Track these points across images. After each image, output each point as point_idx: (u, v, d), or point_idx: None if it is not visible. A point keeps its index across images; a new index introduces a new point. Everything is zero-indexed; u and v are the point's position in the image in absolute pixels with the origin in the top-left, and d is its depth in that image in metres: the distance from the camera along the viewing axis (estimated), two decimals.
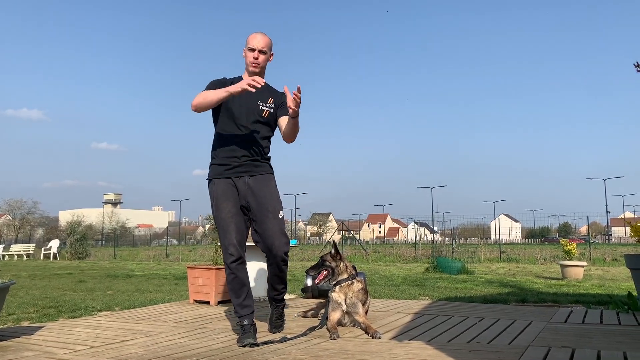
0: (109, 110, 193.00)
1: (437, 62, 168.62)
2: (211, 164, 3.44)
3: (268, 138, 3.46)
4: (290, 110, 3.12)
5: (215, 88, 3.30)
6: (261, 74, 3.43)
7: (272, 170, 3.48)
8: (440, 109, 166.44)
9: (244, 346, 3.04)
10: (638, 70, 3.85)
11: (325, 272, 3.64)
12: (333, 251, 3.70)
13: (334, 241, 4.03)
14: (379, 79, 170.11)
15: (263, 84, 3.12)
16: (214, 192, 3.37)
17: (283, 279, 3.56)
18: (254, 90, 3.11)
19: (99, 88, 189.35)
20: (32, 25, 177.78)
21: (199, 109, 3.25)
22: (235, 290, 3.30)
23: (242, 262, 3.30)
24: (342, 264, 3.68)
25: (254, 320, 3.29)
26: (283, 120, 3.38)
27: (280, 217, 3.37)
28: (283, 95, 3.44)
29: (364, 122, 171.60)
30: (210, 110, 3.41)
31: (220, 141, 3.39)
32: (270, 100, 3.42)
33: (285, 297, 3.71)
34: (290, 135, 3.34)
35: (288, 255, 3.46)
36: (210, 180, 3.42)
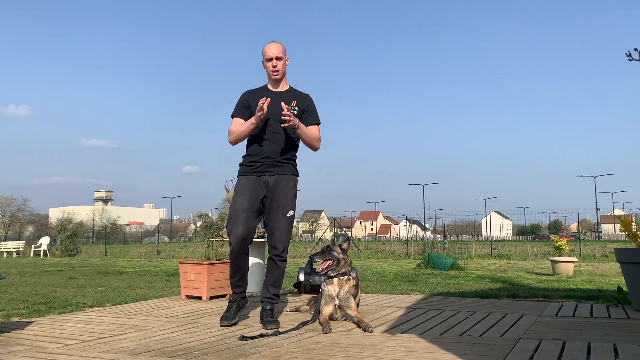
0: (97, 106, 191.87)
1: (428, 60, 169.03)
2: (240, 164, 3.74)
3: (293, 140, 3.69)
4: (286, 125, 3.43)
5: (243, 106, 3.69)
6: (282, 78, 3.73)
7: (295, 171, 3.72)
8: (432, 107, 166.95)
9: (221, 326, 3.45)
10: (630, 60, 3.87)
11: (329, 262, 3.65)
12: (345, 246, 3.75)
13: (348, 237, 4.17)
14: (372, 75, 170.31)
15: (268, 101, 3.44)
16: (236, 187, 3.68)
17: (277, 280, 3.66)
18: (265, 109, 3.43)
19: (87, 84, 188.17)
20: (20, 21, 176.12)
21: (235, 143, 3.67)
22: (232, 272, 3.64)
23: (240, 253, 3.55)
24: (348, 258, 3.71)
25: (243, 300, 3.67)
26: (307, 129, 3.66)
27: (289, 215, 3.63)
28: (307, 96, 3.75)
29: (356, 119, 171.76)
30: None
31: (248, 144, 3.72)
32: (294, 104, 3.66)
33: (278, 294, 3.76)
34: (307, 146, 3.70)
35: (286, 252, 3.68)
36: (237, 177, 3.74)
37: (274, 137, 3.61)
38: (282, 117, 3.37)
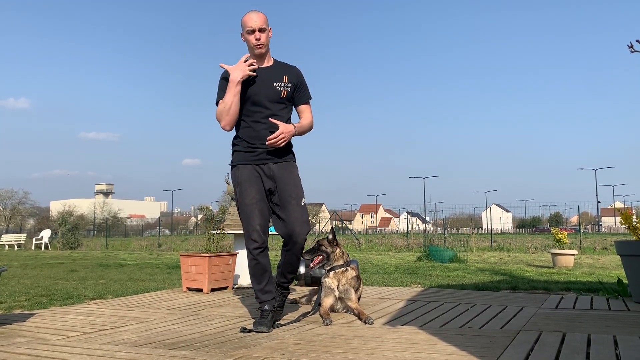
0: (98, 99, 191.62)
1: (429, 51, 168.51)
2: (234, 151, 3.42)
3: (289, 121, 3.41)
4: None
5: (225, 86, 3.32)
6: (267, 53, 3.39)
7: (295, 158, 3.47)
8: (433, 99, 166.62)
9: (257, 332, 3.05)
10: (632, 51, 3.85)
11: (320, 257, 3.64)
12: (331, 237, 3.69)
13: (332, 227, 4.03)
14: (371, 68, 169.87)
15: (255, 63, 3.26)
16: (238, 178, 3.35)
17: (296, 267, 3.55)
18: (255, 74, 3.26)
19: (86, 77, 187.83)
20: (19, 15, 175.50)
21: (230, 124, 3.33)
22: (257, 276, 3.30)
23: (264, 249, 3.29)
24: (338, 250, 3.67)
25: (274, 306, 3.30)
26: (299, 110, 3.45)
27: (303, 204, 3.35)
28: (296, 70, 3.45)
29: (356, 113, 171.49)
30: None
31: (243, 128, 3.37)
32: (285, 79, 3.37)
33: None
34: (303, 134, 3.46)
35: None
36: (234, 166, 3.41)
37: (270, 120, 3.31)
38: (271, 142, 3.21)
